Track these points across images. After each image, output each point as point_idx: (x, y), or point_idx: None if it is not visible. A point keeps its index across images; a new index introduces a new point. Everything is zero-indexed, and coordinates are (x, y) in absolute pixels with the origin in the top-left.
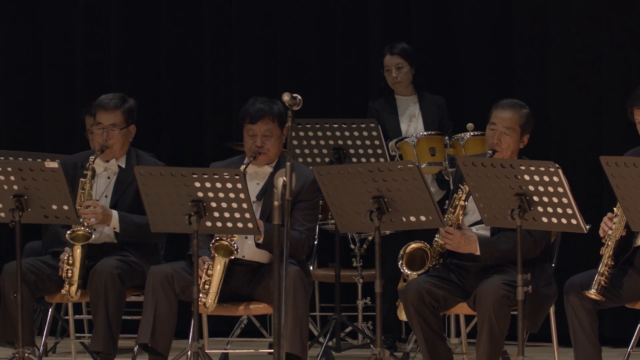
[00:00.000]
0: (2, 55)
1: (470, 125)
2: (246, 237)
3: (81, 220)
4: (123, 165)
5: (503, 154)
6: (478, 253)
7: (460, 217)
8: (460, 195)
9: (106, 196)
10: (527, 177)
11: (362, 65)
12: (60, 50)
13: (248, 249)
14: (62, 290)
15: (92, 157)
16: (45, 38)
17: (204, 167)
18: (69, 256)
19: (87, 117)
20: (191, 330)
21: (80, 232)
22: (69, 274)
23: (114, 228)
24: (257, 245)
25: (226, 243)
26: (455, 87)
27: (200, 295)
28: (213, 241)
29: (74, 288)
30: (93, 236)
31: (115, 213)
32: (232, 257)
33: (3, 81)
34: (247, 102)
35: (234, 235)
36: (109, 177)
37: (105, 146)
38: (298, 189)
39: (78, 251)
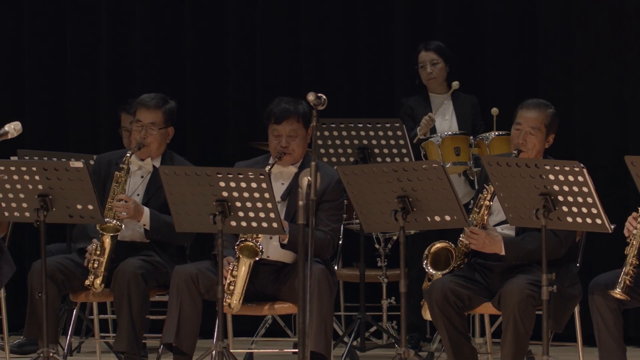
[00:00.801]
0: (27, 55)
1: (494, 110)
2: (271, 238)
3: (112, 213)
4: (158, 166)
5: (528, 154)
6: (503, 253)
7: (485, 217)
8: (485, 195)
9: (138, 194)
10: (552, 177)
11: (386, 65)
12: (84, 50)
13: (273, 249)
14: (87, 281)
15: (129, 153)
16: (70, 38)
17: (228, 166)
18: (96, 246)
19: (124, 115)
20: (216, 329)
21: (111, 225)
22: (95, 265)
23: (144, 225)
24: (282, 245)
25: (251, 244)
26: (480, 87)
27: (225, 295)
28: (238, 242)
29: (98, 280)
30: (123, 227)
31: (146, 210)
32: (257, 259)
33: (28, 81)
34: (272, 102)
35: (259, 235)
36: (142, 176)
37: (142, 144)
38: (323, 189)
39: (107, 240)
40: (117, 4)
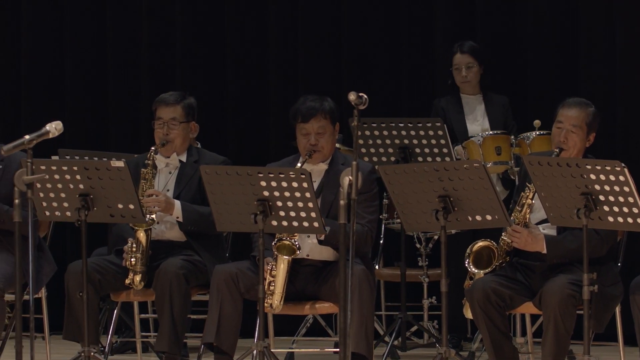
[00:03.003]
0: (68, 55)
1: (537, 122)
2: (308, 236)
3: (145, 209)
4: (184, 160)
5: (570, 153)
6: (544, 251)
7: (527, 216)
8: (528, 193)
9: (168, 190)
10: (593, 177)
11: (427, 64)
12: (125, 50)
13: (313, 248)
14: (127, 280)
15: (153, 148)
16: (111, 37)
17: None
18: (132, 244)
19: None
20: (257, 329)
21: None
22: (133, 262)
23: (177, 217)
24: (320, 241)
25: (288, 242)
26: (520, 86)
27: (266, 296)
28: (275, 241)
29: (138, 277)
30: (155, 220)
31: (177, 202)
32: (295, 256)
33: (69, 80)
34: (297, 102)
35: (295, 234)
36: (170, 172)
37: (166, 140)
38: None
39: (141, 235)
40: (159, 3)
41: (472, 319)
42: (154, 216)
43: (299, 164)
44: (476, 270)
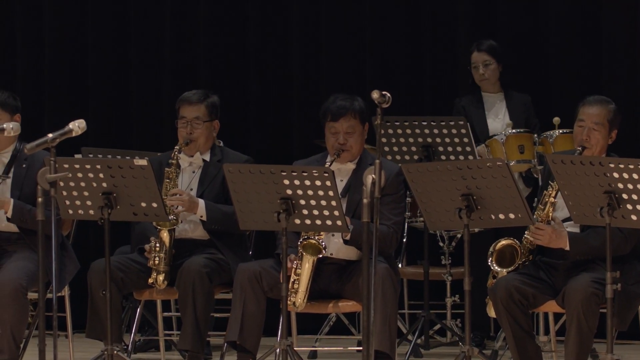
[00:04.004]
0: (91, 54)
1: (556, 119)
2: (333, 235)
3: (168, 209)
4: (207, 159)
5: (592, 150)
6: (568, 248)
7: (550, 214)
8: (550, 192)
9: (191, 189)
10: (616, 175)
11: (450, 63)
12: (148, 49)
13: (336, 247)
14: (150, 279)
15: (176, 147)
16: (134, 37)
17: (290, 165)
18: (155, 243)
19: None
20: (280, 327)
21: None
22: (156, 261)
23: (201, 216)
24: (345, 241)
25: (314, 242)
26: (543, 85)
27: (290, 294)
28: (301, 240)
29: (161, 277)
30: (180, 221)
31: (201, 201)
32: (321, 256)
33: (92, 79)
34: (327, 100)
35: (321, 233)
36: (193, 172)
37: (189, 139)
38: (383, 183)
39: (165, 235)
40: (181, 2)
41: (495, 317)
42: (180, 220)
43: (327, 163)
44: (499, 269)
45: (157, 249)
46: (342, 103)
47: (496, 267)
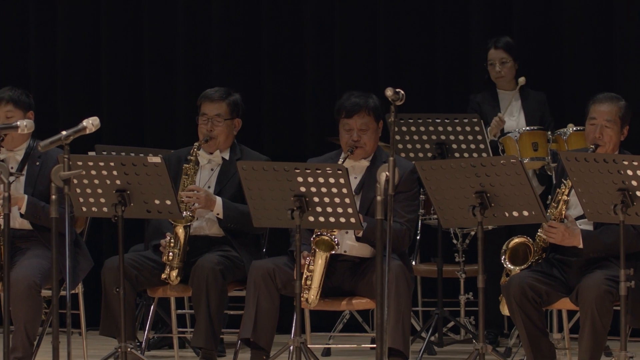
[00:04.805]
0: (104, 51)
1: (570, 125)
2: (347, 232)
3: (184, 205)
4: (227, 157)
5: (606, 148)
6: (581, 246)
7: (563, 212)
8: (564, 190)
9: (209, 187)
10: (629, 172)
11: (463, 60)
12: (161, 45)
13: (350, 244)
14: (163, 275)
15: (196, 144)
16: (147, 33)
17: (304, 162)
18: (170, 239)
19: None
20: (293, 325)
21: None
22: (170, 257)
23: (217, 214)
24: (357, 238)
25: (327, 238)
26: (556, 83)
27: (303, 290)
28: (314, 236)
29: (174, 273)
30: (196, 217)
31: (219, 199)
32: (333, 252)
33: (105, 77)
34: (342, 97)
35: (334, 229)
36: (212, 169)
37: (209, 137)
38: (397, 180)
39: (180, 231)
40: (194, 0)
41: (509, 315)
42: (196, 217)
43: (340, 160)
44: (512, 267)
45: (172, 244)
46: (357, 100)
47: (509, 265)
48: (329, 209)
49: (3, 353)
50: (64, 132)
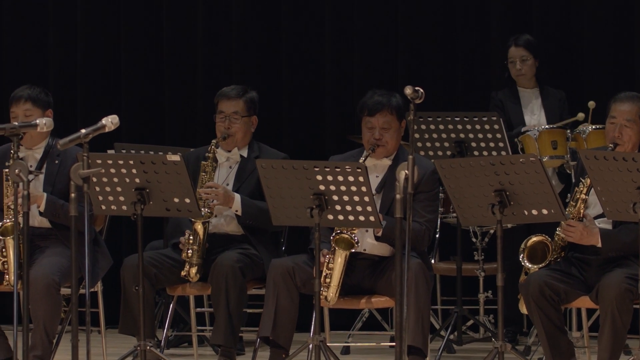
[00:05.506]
0: (124, 50)
1: (591, 103)
2: (367, 231)
3: (202, 202)
4: (245, 155)
5: (625, 147)
6: (600, 245)
7: (582, 211)
8: (582, 188)
9: (227, 184)
10: None
11: (483, 58)
12: (181, 43)
13: (369, 242)
14: (182, 272)
15: (214, 141)
16: (166, 32)
17: (325, 160)
18: (189, 236)
19: None
20: (313, 323)
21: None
22: (190, 254)
23: (236, 211)
24: (377, 238)
25: (347, 236)
26: (576, 81)
27: (322, 288)
28: (334, 234)
29: (194, 270)
30: (214, 214)
31: (237, 196)
32: (353, 250)
33: (125, 75)
34: (366, 95)
35: (354, 228)
36: (230, 167)
37: (227, 134)
38: (418, 180)
39: (199, 227)
40: (214, 0)
41: (527, 314)
42: (214, 214)
43: (362, 158)
44: (530, 265)
45: (191, 241)
46: (379, 99)
47: (527, 264)
48: (348, 208)
49: (22, 351)
50: (83, 131)
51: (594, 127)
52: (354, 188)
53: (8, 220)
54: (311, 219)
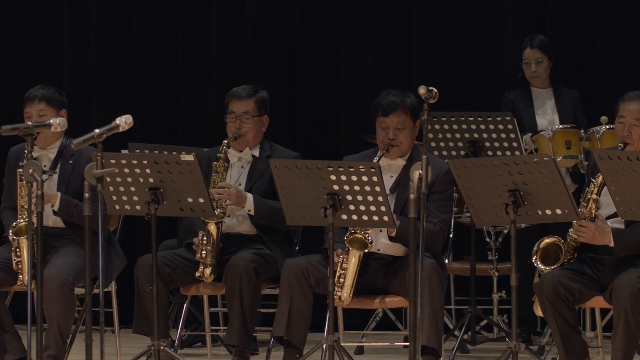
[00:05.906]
0: (138, 49)
1: (603, 118)
2: (380, 231)
3: (215, 202)
4: (257, 155)
5: (634, 146)
6: (612, 244)
7: (593, 211)
8: (592, 188)
9: (240, 184)
10: None
11: (497, 58)
12: (195, 44)
13: (383, 242)
14: (197, 273)
15: (225, 141)
16: (180, 32)
17: (339, 160)
18: (202, 236)
19: None
20: (326, 323)
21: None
22: (204, 254)
23: (249, 210)
24: (391, 238)
25: (360, 236)
26: (590, 81)
27: (336, 288)
28: (347, 234)
29: (208, 270)
30: (227, 214)
31: (250, 195)
32: (367, 250)
33: (139, 75)
34: (380, 95)
35: (368, 228)
36: (242, 167)
37: (238, 134)
38: (432, 180)
39: (212, 227)
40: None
41: (542, 316)
42: (227, 214)
43: (376, 158)
44: (543, 267)
45: (204, 242)
46: (394, 99)
47: (540, 266)
48: (362, 207)
49: (36, 351)
50: (97, 130)
51: (607, 127)
52: (367, 188)
53: (22, 220)
54: (325, 219)
